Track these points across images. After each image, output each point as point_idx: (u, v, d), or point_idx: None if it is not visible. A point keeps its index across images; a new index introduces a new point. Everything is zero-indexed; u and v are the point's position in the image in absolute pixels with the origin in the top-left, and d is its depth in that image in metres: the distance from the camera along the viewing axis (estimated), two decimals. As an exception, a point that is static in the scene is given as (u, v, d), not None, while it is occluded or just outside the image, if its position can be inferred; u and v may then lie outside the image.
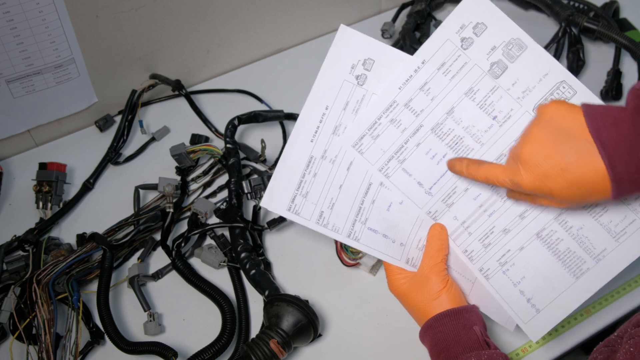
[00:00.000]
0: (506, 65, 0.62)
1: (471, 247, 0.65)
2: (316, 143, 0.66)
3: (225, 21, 0.96)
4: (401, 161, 0.66)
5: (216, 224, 0.78)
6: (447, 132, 0.64)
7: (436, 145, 0.65)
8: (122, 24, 0.87)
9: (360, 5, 1.09)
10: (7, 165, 0.90)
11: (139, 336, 0.73)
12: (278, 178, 0.67)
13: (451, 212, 0.66)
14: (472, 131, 0.64)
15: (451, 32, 0.63)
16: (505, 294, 0.64)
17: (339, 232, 0.67)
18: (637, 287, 0.75)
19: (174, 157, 0.85)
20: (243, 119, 0.86)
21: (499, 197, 0.63)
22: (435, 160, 0.65)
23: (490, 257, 0.64)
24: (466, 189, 0.65)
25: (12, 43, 0.78)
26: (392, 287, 0.67)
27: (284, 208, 0.67)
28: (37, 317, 0.68)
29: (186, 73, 0.99)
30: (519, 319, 0.63)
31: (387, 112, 0.65)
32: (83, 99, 0.92)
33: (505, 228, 0.63)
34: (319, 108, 0.66)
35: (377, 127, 0.66)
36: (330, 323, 0.73)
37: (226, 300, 0.72)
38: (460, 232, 0.65)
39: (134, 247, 0.80)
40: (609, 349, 0.56)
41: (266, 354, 0.64)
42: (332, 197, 0.67)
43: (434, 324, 0.61)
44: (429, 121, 0.64)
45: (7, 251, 0.77)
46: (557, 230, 0.62)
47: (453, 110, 0.64)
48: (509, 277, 0.63)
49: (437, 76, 0.64)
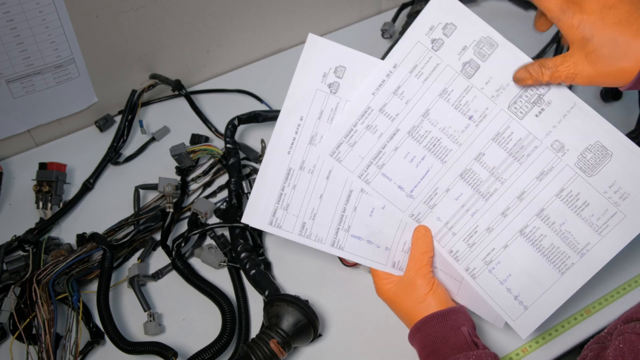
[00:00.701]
0: (478, 65, 0.62)
1: (456, 247, 0.65)
2: (293, 154, 0.66)
3: (225, 21, 0.96)
4: (380, 166, 0.66)
5: (216, 224, 0.78)
6: (424, 135, 0.64)
7: (414, 149, 0.65)
8: (122, 24, 0.87)
9: (360, 5, 1.09)
10: (7, 165, 0.90)
11: (139, 336, 0.73)
12: (257, 193, 0.67)
13: (434, 213, 0.66)
14: (449, 132, 0.64)
15: (420, 34, 0.63)
16: (492, 293, 0.64)
17: (323, 242, 0.67)
18: (637, 287, 0.75)
19: (174, 157, 0.85)
20: (243, 119, 0.86)
21: (480, 196, 0.64)
22: (414, 163, 0.65)
23: (475, 257, 0.64)
24: (447, 189, 0.65)
25: (12, 43, 0.78)
26: (379, 292, 0.68)
27: (266, 222, 0.67)
28: (37, 317, 0.68)
29: (186, 73, 0.99)
30: (507, 317, 0.64)
31: (363, 118, 0.65)
32: (83, 99, 0.92)
33: (488, 227, 0.64)
34: (294, 119, 0.66)
35: (353, 134, 0.66)
36: (330, 323, 0.73)
37: (226, 300, 0.72)
38: (445, 233, 0.66)
39: (134, 247, 0.80)
40: (599, 345, 0.56)
41: (266, 354, 0.64)
42: (313, 208, 0.67)
43: (422, 327, 0.62)
44: (405, 125, 0.65)
45: (7, 251, 0.77)
46: (539, 226, 0.62)
47: (428, 112, 0.64)
48: (495, 276, 0.64)
49: (409, 79, 0.64)
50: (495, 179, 0.63)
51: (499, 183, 0.63)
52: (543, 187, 0.62)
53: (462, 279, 0.66)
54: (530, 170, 0.62)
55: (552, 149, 0.61)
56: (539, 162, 0.62)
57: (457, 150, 0.64)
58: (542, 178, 0.62)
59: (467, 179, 0.64)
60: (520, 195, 0.63)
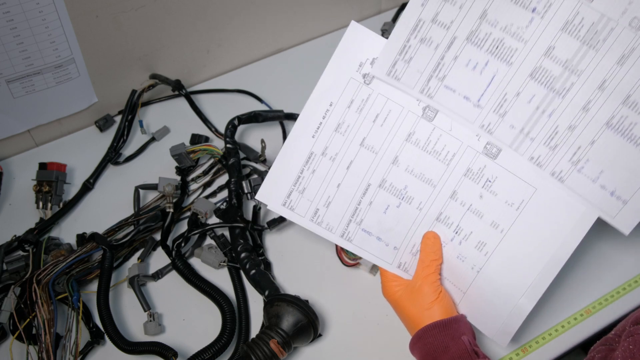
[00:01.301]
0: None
1: (537, 152, 0.60)
2: (317, 139, 0.65)
3: (225, 21, 0.96)
4: (441, 78, 0.62)
5: (216, 224, 0.78)
6: (484, 38, 0.60)
7: (475, 55, 0.60)
8: (122, 24, 0.87)
9: (360, 5, 1.09)
10: (7, 165, 0.90)
11: (139, 336, 0.73)
12: (276, 172, 0.66)
13: (506, 121, 0.61)
14: (511, 30, 0.59)
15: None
16: (585, 193, 0.59)
17: (333, 232, 0.66)
18: (637, 287, 0.75)
19: (174, 157, 0.85)
20: (243, 119, 0.86)
21: (556, 94, 0.59)
22: (477, 70, 0.60)
23: (560, 159, 0.60)
24: (517, 93, 0.60)
25: (12, 43, 0.78)
26: (385, 292, 0.67)
27: (279, 203, 0.66)
28: (37, 317, 0.68)
29: (186, 73, 0.99)
30: (605, 215, 0.59)
31: (415, 32, 0.61)
32: (83, 99, 0.92)
33: (570, 125, 0.59)
34: (323, 104, 0.65)
35: (407, 50, 0.62)
36: (330, 323, 0.73)
37: (226, 300, 0.72)
38: (522, 140, 0.61)
39: (134, 247, 0.80)
40: (606, 347, 0.56)
41: (266, 354, 0.64)
42: (329, 195, 0.66)
43: (423, 335, 0.62)
44: (462, 31, 0.60)
45: (7, 251, 0.77)
46: (627, 114, 0.57)
47: (486, 13, 0.59)
48: (585, 175, 0.59)
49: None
50: (570, 73, 0.58)
51: (575, 76, 0.58)
52: (626, 72, 0.56)
53: (466, 289, 0.65)
54: (609, 56, 0.57)
55: (631, 28, 0.56)
56: (618, 45, 0.56)
57: (524, 48, 0.59)
58: (624, 62, 0.56)
59: (538, 78, 0.59)
60: (601, 85, 0.57)
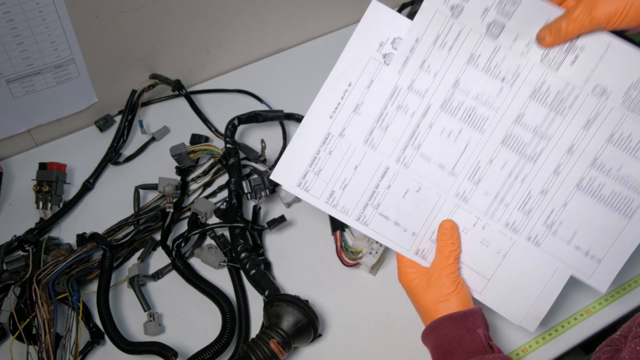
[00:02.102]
0: (503, 24, 0.60)
1: (512, 218, 0.62)
2: (335, 120, 0.64)
3: (225, 21, 0.96)
4: (417, 147, 0.63)
5: (216, 224, 0.78)
6: (457, 106, 0.62)
7: (449, 123, 0.62)
8: (122, 24, 0.87)
9: (360, 5, 1.09)
10: (7, 165, 0.90)
11: (139, 336, 0.73)
12: (291, 152, 0.65)
13: (480, 188, 0.63)
14: (482, 99, 0.61)
15: (438, 3, 0.61)
16: (561, 255, 0.61)
17: (348, 215, 0.65)
18: (637, 287, 0.75)
19: (174, 157, 0.85)
20: (243, 119, 0.86)
21: (527, 159, 0.61)
22: (451, 138, 0.62)
23: (535, 223, 0.62)
24: (490, 160, 0.62)
25: (12, 43, 0.78)
26: (402, 279, 0.65)
27: (294, 183, 0.65)
28: (37, 317, 0.68)
29: (186, 73, 0.99)
30: (581, 275, 0.61)
31: (392, 99, 0.63)
32: (83, 99, 0.92)
33: (542, 189, 0.61)
34: (342, 84, 0.64)
35: (384, 117, 0.63)
36: (330, 323, 0.73)
37: (226, 300, 0.72)
38: (496, 207, 0.63)
39: (134, 247, 0.80)
40: (612, 348, 0.56)
41: (266, 354, 0.64)
42: (345, 178, 0.65)
43: (438, 327, 0.61)
44: (437, 99, 0.62)
45: (7, 251, 0.77)
46: (596, 176, 0.60)
47: (458, 82, 0.62)
48: (560, 237, 0.61)
49: (434, 51, 0.62)
50: (540, 138, 0.61)
51: (544, 142, 0.61)
52: (592, 136, 0.59)
53: (491, 275, 0.64)
54: (575, 122, 0.60)
55: (595, 94, 0.59)
56: (583, 111, 0.59)
57: (495, 116, 0.61)
58: (589, 127, 0.59)
59: (510, 145, 0.61)
60: (569, 149, 0.60)
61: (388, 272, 0.77)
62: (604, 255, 0.61)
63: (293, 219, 0.83)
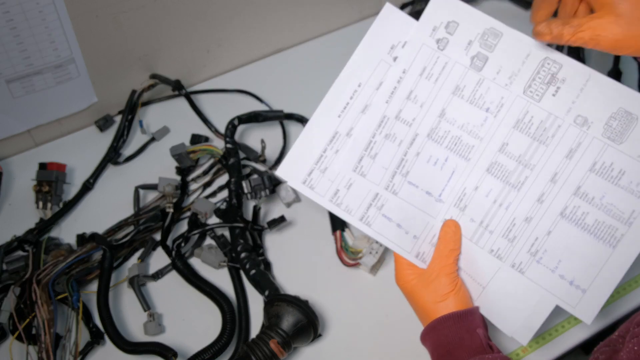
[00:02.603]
0: (486, 56, 0.62)
1: (496, 245, 0.63)
2: (343, 119, 0.65)
3: (225, 21, 0.96)
4: (405, 174, 0.65)
5: (216, 224, 0.78)
6: (443, 135, 0.64)
7: (436, 151, 0.64)
8: (122, 24, 0.87)
9: (360, 5, 1.09)
10: (7, 165, 0.90)
11: (139, 336, 0.73)
12: (298, 149, 0.66)
13: (466, 214, 0.64)
14: (468, 128, 0.63)
15: (425, 37, 0.64)
16: (545, 284, 0.61)
17: (351, 214, 0.66)
18: (637, 287, 0.75)
19: (174, 157, 0.85)
20: (243, 119, 0.86)
21: (512, 187, 0.62)
22: (438, 165, 0.64)
23: (519, 250, 0.62)
24: (476, 187, 0.63)
25: (12, 43, 0.78)
26: (399, 280, 0.65)
27: (299, 180, 0.66)
28: (37, 317, 0.68)
29: (186, 73, 0.99)
30: (566, 305, 0.61)
31: (380, 128, 0.65)
32: (83, 99, 0.92)
33: (526, 217, 0.62)
34: (352, 84, 0.65)
35: (373, 145, 0.65)
36: (330, 323, 0.73)
37: (226, 300, 0.72)
38: (481, 233, 0.64)
39: (134, 247, 0.80)
40: (610, 349, 0.56)
41: (266, 354, 0.64)
42: (350, 177, 0.66)
43: (437, 326, 0.60)
44: (423, 128, 0.64)
45: (7, 251, 0.77)
46: (579, 205, 0.60)
47: (444, 112, 0.64)
48: (544, 265, 0.61)
49: (420, 82, 0.64)
50: (523, 167, 0.62)
51: (528, 170, 0.62)
52: (575, 165, 0.61)
53: (486, 283, 0.64)
54: (558, 151, 0.61)
55: (576, 125, 0.60)
56: (565, 140, 0.61)
57: (480, 145, 0.63)
58: (572, 156, 0.61)
59: (494, 173, 0.63)
60: (552, 177, 0.61)
61: (388, 272, 0.77)
62: (589, 286, 0.60)
63: (293, 219, 0.83)
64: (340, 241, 0.78)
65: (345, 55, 0.66)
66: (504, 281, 0.63)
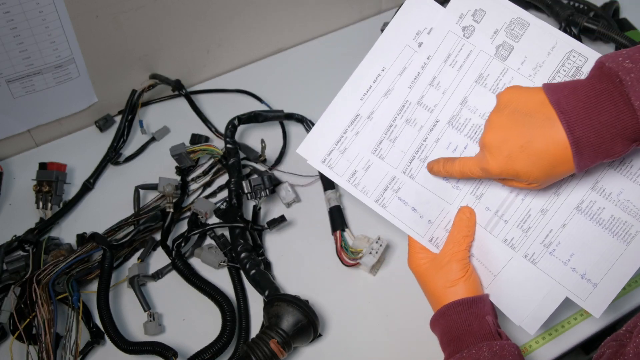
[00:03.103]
0: (512, 46, 0.62)
1: (510, 234, 0.63)
2: (365, 102, 0.66)
3: (225, 21, 0.96)
4: (423, 159, 0.65)
5: (216, 224, 0.78)
6: (464, 123, 0.63)
7: (455, 138, 0.64)
8: (122, 24, 0.87)
9: (360, 5, 1.09)
10: (7, 165, 0.90)
11: (139, 336, 0.73)
12: (320, 129, 0.67)
13: (482, 203, 0.64)
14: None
15: (451, 24, 0.63)
16: (556, 275, 0.61)
17: (368, 195, 0.66)
18: (637, 287, 0.75)
19: (174, 157, 0.85)
20: (243, 119, 0.86)
21: None
22: (457, 153, 0.64)
23: (533, 241, 0.62)
24: None
25: (12, 43, 0.78)
26: (411, 264, 0.66)
27: (319, 160, 0.67)
28: (37, 317, 0.68)
29: (186, 73, 0.99)
30: (576, 298, 0.61)
31: (401, 112, 0.65)
32: (83, 99, 0.92)
33: (542, 208, 0.62)
34: (376, 67, 0.66)
35: (393, 129, 0.65)
36: (330, 323, 0.73)
37: (226, 300, 0.72)
38: (496, 222, 0.63)
39: (134, 247, 0.80)
40: (617, 343, 0.56)
41: (266, 354, 0.64)
42: (369, 159, 0.66)
43: (447, 312, 0.61)
44: (445, 115, 0.64)
45: (7, 251, 0.77)
46: (596, 200, 0.60)
47: (466, 100, 0.63)
48: (557, 257, 0.61)
49: (444, 69, 0.64)
50: None
51: None
52: None
53: (498, 272, 0.64)
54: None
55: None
56: None
57: None
58: None
59: None
60: None
61: (388, 272, 0.77)
62: (600, 280, 0.60)
63: (293, 219, 0.83)
64: (340, 241, 0.78)
65: (346, 55, 0.66)
66: (516, 270, 0.63)
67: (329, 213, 0.81)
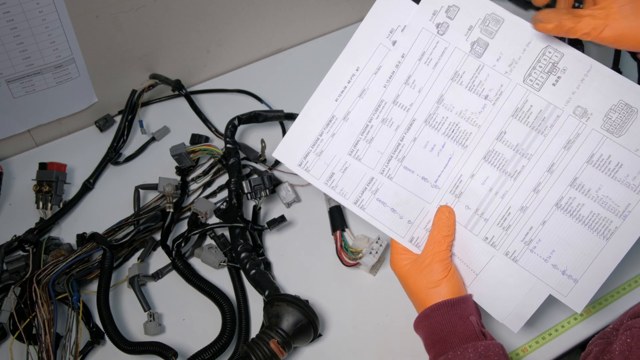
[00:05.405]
0: (487, 42, 0.62)
1: (491, 233, 0.63)
2: (340, 103, 0.66)
3: (225, 21, 0.96)
4: (401, 159, 0.65)
5: (216, 224, 0.78)
6: (441, 121, 0.63)
7: (433, 137, 0.64)
8: (122, 24, 0.87)
9: (360, 5, 1.09)
10: (7, 165, 0.90)
11: (139, 336, 0.73)
12: (295, 132, 0.66)
13: (462, 201, 0.64)
14: (466, 115, 0.63)
15: (425, 21, 0.63)
16: (538, 272, 0.62)
17: (346, 197, 0.66)
18: (637, 287, 0.75)
19: (174, 157, 0.85)
20: (243, 119, 0.86)
21: (508, 176, 0.62)
22: (435, 152, 0.64)
23: (513, 239, 0.62)
24: (472, 174, 0.63)
25: (12, 43, 0.78)
26: (393, 265, 0.66)
27: (295, 163, 0.66)
28: (37, 317, 0.68)
29: (186, 73, 0.99)
30: (558, 294, 0.61)
31: (377, 112, 0.65)
32: (83, 99, 0.92)
33: (522, 206, 0.62)
34: (350, 68, 0.65)
35: (369, 129, 0.65)
36: (330, 323, 0.74)
37: (226, 300, 0.72)
38: (476, 221, 0.64)
39: (134, 247, 0.80)
40: (604, 341, 0.56)
41: (266, 354, 0.64)
42: (346, 161, 0.66)
43: (431, 314, 0.61)
44: (421, 114, 0.64)
45: (7, 251, 0.77)
46: (575, 196, 0.61)
47: (443, 98, 0.63)
48: (538, 255, 0.62)
49: (419, 67, 0.63)
50: (520, 156, 0.62)
51: (525, 159, 0.62)
52: (572, 156, 0.61)
53: (480, 270, 0.64)
54: (556, 141, 0.61)
55: (575, 116, 0.60)
56: (564, 131, 0.61)
57: (477, 132, 0.63)
58: (570, 147, 0.61)
59: (491, 161, 0.63)
60: (549, 168, 0.61)
61: (388, 272, 0.77)
62: (581, 276, 0.61)
63: (293, 219, 0.83)
64: (340, 241, 0.78)
65: (345, 55, 0.66)
66: (497, 269, 0.63)
67: (329, 213, 0.81)
